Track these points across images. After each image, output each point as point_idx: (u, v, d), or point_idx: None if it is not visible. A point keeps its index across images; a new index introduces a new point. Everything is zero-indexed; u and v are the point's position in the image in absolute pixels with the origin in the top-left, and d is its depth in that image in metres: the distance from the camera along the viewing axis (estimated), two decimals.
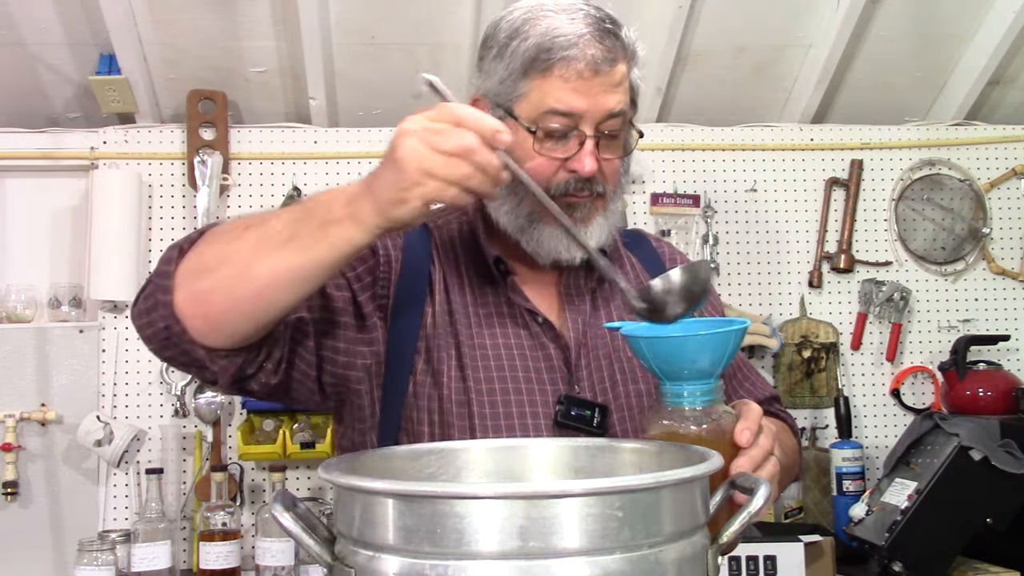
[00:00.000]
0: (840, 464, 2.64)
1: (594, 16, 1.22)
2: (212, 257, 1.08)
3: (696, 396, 1.03)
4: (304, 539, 0.83)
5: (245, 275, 1.05)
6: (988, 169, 3.00)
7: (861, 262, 2.92)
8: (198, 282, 1.07)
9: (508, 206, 1.27)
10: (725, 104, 2.91)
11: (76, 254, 2.69)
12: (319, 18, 2.48)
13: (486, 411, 1.23)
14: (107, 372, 2.63)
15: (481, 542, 0.74)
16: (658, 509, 0.78)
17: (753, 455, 1.04)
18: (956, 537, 2.24)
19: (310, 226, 1.04)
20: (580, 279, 1.35)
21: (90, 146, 2.70)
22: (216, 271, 1.07)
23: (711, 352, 1.02)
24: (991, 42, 2.74)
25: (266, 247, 1.05)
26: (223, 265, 1.07)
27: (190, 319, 1.07)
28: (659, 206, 2.85)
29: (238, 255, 1.06)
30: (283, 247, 1.04)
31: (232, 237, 1.09)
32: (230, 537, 2.36)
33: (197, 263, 1.08)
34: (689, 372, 1.03)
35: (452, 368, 1.25)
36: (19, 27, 2.50)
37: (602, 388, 1.29)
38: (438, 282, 1.30)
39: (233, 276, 1.06)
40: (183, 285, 1.08)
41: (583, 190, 1.24)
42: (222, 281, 1.06)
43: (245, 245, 1.07)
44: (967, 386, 2.72)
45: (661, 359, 1.04)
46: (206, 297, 1.07)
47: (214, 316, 1.07)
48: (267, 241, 1.05)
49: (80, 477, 2.60)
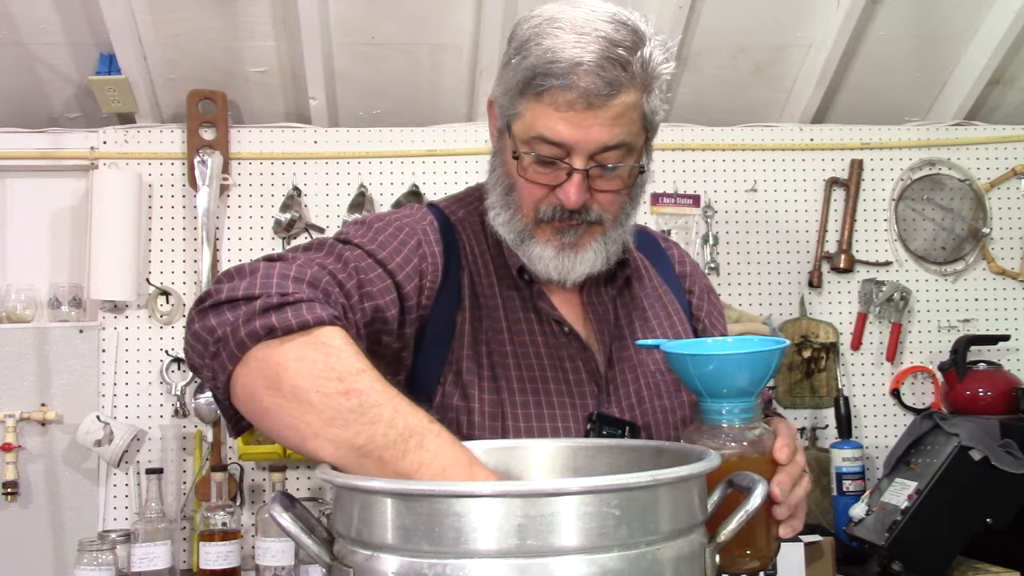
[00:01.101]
0: (840, 464, 2.64)
1: (608, 39, 1.13)
2: (290, 391, 0.94)
3: (735, 414, 1.04)
4: (303, 539, 0.83)
5: (301, 434, 0.93)
6: (988, 169, 3.00)
7: (861, 262, 2.92)
8: (256, 394, 0.96)
9: (503, 218, 1.25)
10: (725, 104, 2.91)
11: (76, 254, 2.69)
12: (319, 18, 2.48)
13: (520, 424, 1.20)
14: (107, 372, 2.63)
15: (479, 541, 0.75)
16: (655, 507, 0.78)
17: (791, 471, 1.05)
18: (956, 537, 2.24)
19: (386, 455, 0.90)
20: (602, 288, 1.33)
21: (90, 146, 2.70)
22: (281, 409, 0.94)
23: (751, 370, 1.03)
24: (991, 42, 2.74)
25: (335, 438, 0.91)
26: (294, 409, 0.93)
27: (236, 399, 1.00)
28: (659, 206, 2.85)
29: (311, 417, 0.92)
30: (347, 449, 0.91)
31: (324, 393, 0.92)
32: (230, 537, 2.36)
33: (272, 379, 0.95)
34: (729, 390, 1.03)
35: (485, 379, 1.22)
36: (19, 27, 2.50)
37: (629, 404, 1.27)
38: (466, 287, 1.27)
39: (284, 426, 0.95)
40: (246, 380, 0.97)
41: (572, 218, 1.21)
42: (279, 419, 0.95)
43: (325, 415, 0.92)
44: (967, 386, 2.71)
45: (703, 376, 1.04)
46: (256, 412, 0.98)
47: (256, 421, 1.00)
48: (341, 433, 0.91)
49: (80, 477, 2.60)
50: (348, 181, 2.76)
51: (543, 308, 1.27)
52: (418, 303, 1.20)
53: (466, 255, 1.29)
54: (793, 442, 1.06)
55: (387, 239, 1.21)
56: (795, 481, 1.05)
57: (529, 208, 1.23)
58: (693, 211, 2.86)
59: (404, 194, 2.74)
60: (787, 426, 1.09)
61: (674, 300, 1.41)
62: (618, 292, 1.34)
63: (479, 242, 1.30)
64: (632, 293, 1.36)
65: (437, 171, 2.78)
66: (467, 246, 1.29)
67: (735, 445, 1.03)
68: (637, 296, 1.36)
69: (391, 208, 2.71)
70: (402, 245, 1.22)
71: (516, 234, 1.25)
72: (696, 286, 1.46)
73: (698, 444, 1.03)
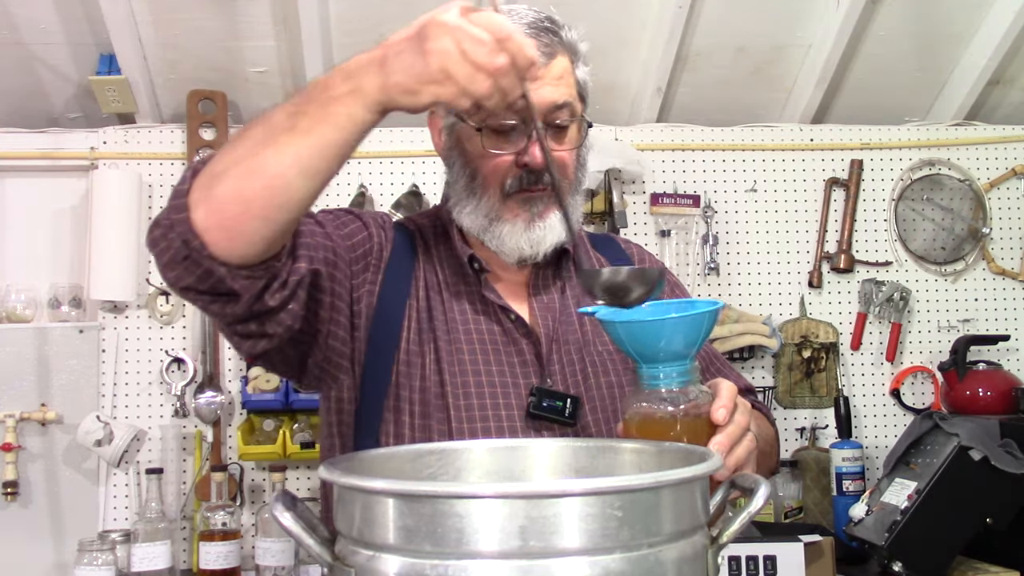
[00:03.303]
0: (840, 464, 2.64)
1: (532, 16, 1.26)
2: (221, 163, 1.04)
3: (672, 377, 1.06)
4: (304, 539, 0.83)
5: (253, 171, 1.01)
6: (988, 169, 3.00)
7: (861, 262, 2.92)
8: (210, 190, 1.03)
9: (469, 207, 1.31)
10: (725, 104, 2.91)
11: (76, 254, 2.69)
12: (319, 18, 2.48)
13: (461, 403, 1.27)
14: (107, 372, 2.63)
15: (481, 542, 0.74)
16: (658, 509, 0.78)
17: (730, 431, 1.05)
18: (956, 537, 2.24)
19: (311, 108, 1.01)
20: (549, 276, 1.39)
21: (90, 146, 2.70)
22: (226, 173, 1.03)
23: (685, 334, 1.05)
24: (991, 42, 2.74)
25: (270, 138, 1.01)
26: (232, 166, 1.03)
27: (207, 231, 1.03)
28: (659, 206, 2.85)
29: (245, 153, 1.03)
30: (286, 134, 1.01)
31: (240, 139, 1.06)
32: (230, 537, 2.36)
33: (209, 173, 1.04)
34: (665, 354, 1.05)
35: (430, 363, 1.29)
36: (19, 27, 2.50)
37: (574, 380, 1.33)
38: (420, 279, 1.34)
39: (242, 174, 1.02)
40: (198, 198, 1.03)
41: (536, 183, 1.27)
42: (232, 182, 1.02)
43: (250, 142, 1.03)
44: (967, 386, 2.72)
45: (637, 342, 1.06)
46: (219, 203, 1.03)
47: (229, 221, 1.02)
48: (271, 132, 1.02)
49: (80, 477, 2.60)
50: (348, 181, 2.76)
51: (489, 297, 1.33)
52: (351, 272, 1.28)
53: (420, 252, 1.36)
54: (732, 402, 1.06)
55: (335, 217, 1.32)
56: (734, 441, 1.05)
57: (495, 184, 1.29)
58: (693, 211, 2.86)
59: (404, 194, 2.74)
60: (728, 386, 1.09)
61: None
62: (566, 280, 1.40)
63: (434, 243, 1.38)
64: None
65: (437, 171, 2.78)
66: (422, 245, 1.38)
67: (672, 409, 1.05)
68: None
69: (390, 208, 2.72)
70: (350, 222, 1.33)
71: (484, 217, 1.30)
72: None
73: (635, 408, 1.07)
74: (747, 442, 1.08)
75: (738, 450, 1.06)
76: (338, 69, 1.03)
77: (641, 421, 1.06)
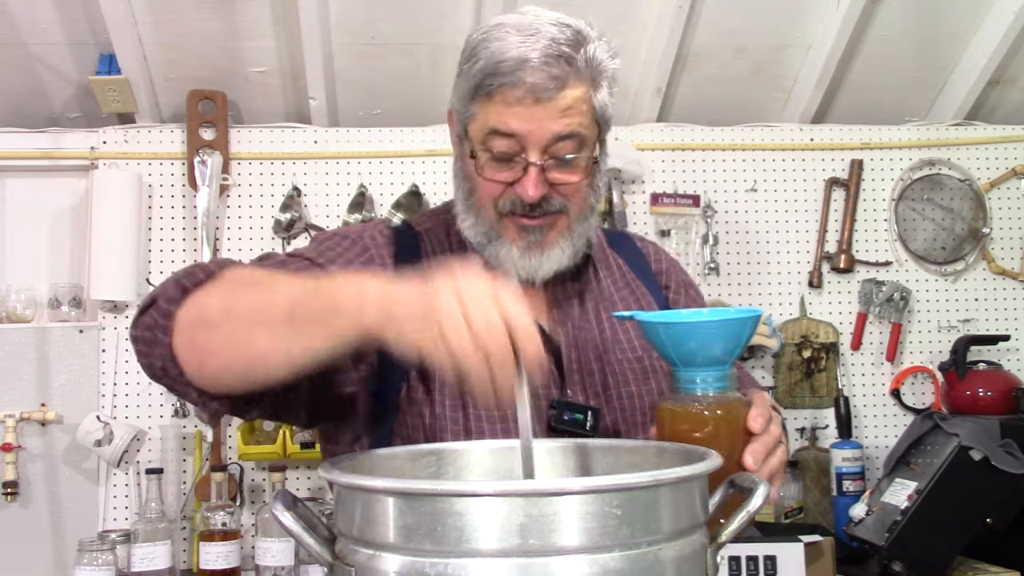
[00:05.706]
0: (840, 464, 2.64)
1: (552, 38, 1.18)
2: (213, 311, 1.05)
3: (709, 383, 1.04)
4: (305, 538, 0.83)
5: (241, 342, 1.02)
6: (988, 169, 3.00)
7: (861, 262, 2.92)
8: (195, 334, 1.05)
9: (469, 222, 1.29)
10: (725, 104, 2.91)
11: (76, 254, 2.69)
12: (319, 18, 2.48)
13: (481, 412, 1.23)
14: (107, 372, 2.63)
15: (481, 540, 0.75)
16: (657, 507, 0.78)
17: (765, 441, 1.05)
18: (956, 537, 2.24)
19: (310, 309, 0.98)
20: (566, 284, 1.35)
21: (90, 146, 2.70)
22: (214, 330, 1.04)
23: (725, 338, 1.04)
24: (991, 42, 2.74)
25: (266, 320, 1.01)
26: (223, 323, 1.03)
27: (186, 364, 1.06)
28: (659, 206, 2.85)
29: (238, 319, 1.03)
30: (284, 325, 0.99)
31: (237, 295, 1.06)
32: (230, 537, 2.36)
33: (198, 314, 1.06)
34: (703, 358, 1.04)
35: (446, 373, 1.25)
36: (19, 27, 2.50)
37: (594, 391, 1.30)
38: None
39: (228, 340, 1.03)
40: (182, 332, 1.06)
41: (534, 212, 1.24)
42: (218, 342, 1.03)
43: (245, 310, 1.03)
44: (967, 386, 2.71)
45: (677, 345, 1.04)
46: (202, 353, 1.05)
47: (209, 371, 1.06)
48: (266, 313, 1.01)
49: (80, 477, 2.60)
50: (348, 181, 2.76)
51: None
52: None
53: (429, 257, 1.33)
54: (768, 412, 1.06)
55: (329, 248, 1.29)
56: (769, 451, 1.05)
57: (488, 205, 1.26)
58: (693, 211, 2.86)
59: (404, 194, 2.74)
60: (762, 396, 1.09)
61: (647, 294, 1.42)
62: (585, 286, 1.36)
63: (443, 249, 1.35)
64: (600, 287, 1.38)
65: (437, 171, 2.78)
66: (430, 253, 1.34)
67: (708, 414, 1.03)
68: (607, 289, 1.39)
69: (390, 208, 2.72)
70: (346, 251, 1.29)
71: (482, 235, 1.28)
72: (672, 280, 1.49)
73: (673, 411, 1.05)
74: (780, 453, 1.08)
75: (772, 460, 1.06)
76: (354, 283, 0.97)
77: (676, 425, 1.05)
